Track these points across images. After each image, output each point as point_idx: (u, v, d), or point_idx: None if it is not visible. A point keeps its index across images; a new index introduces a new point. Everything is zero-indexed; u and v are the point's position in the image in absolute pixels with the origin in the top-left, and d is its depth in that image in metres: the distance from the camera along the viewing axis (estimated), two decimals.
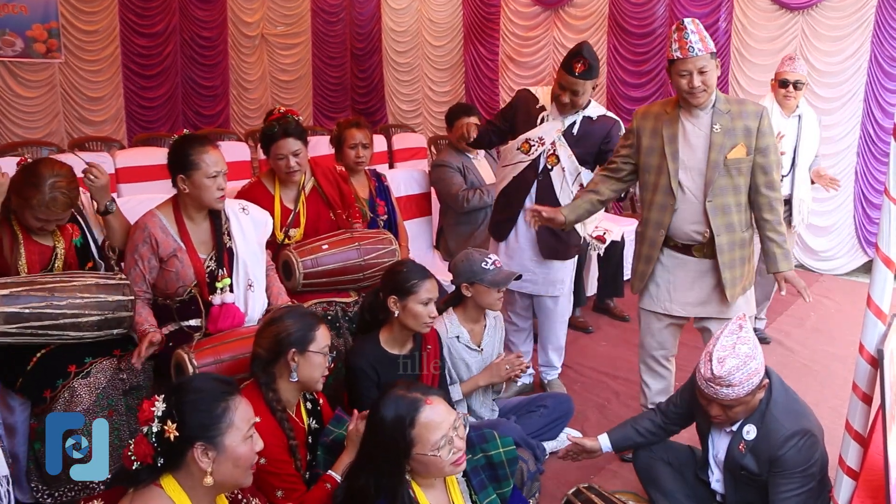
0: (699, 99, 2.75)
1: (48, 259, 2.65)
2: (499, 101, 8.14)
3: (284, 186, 3.23)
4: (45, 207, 2.49)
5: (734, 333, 2.29)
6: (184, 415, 1.57)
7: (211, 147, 2.68)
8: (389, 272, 2.77)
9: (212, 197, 2.67)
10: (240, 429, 1.62)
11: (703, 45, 2.68)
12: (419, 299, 2.62)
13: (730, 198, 2.81)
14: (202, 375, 1.96)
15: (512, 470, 2.11)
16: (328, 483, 2.20)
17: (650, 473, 2.72)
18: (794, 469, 2.28)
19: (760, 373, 2.27)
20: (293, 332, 2.26)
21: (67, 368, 2.51)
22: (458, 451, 1.86)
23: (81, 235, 2.77)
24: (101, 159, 5.19)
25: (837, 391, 3.72)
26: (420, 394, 1.87)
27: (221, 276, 2.73)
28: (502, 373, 2.94)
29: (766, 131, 2.77)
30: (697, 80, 2.70)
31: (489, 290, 2.91)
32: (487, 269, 2.91)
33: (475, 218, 4.29)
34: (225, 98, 9.69)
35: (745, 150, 2.76)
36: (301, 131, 3.15)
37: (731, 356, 2.23)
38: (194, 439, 1.56)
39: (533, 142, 3.39)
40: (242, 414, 1.64)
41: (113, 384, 2.57)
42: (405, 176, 4.73)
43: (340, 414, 2.41)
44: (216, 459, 1.58)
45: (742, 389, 2.23)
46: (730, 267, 2.84)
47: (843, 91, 5.87)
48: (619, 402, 3.82)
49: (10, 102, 8.06)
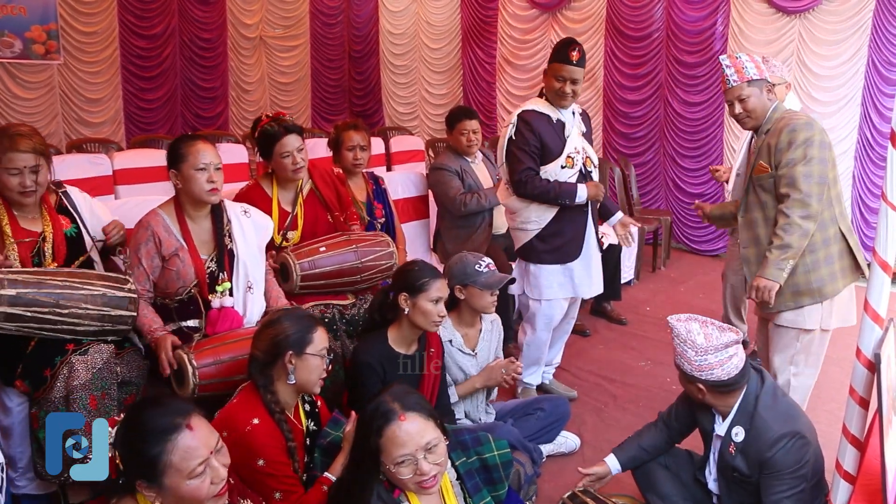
0: (745, 125, 3.00)
1: (34, 244, 2.63)
2: (495, 104, 8.16)
3: (283, 189, 3.23)
4: (9, 152, 2.49)
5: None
6: (123, 451, 1.55)
7: (201, 142, 2.70)
8: (401, 270, 2.80)
9: (201, 189, 2.66)
10: (180, 469, 1.53)
11: (739, 75, 2.91)
12: (429, 297, 2.63)
13: (757, 213, 2.94)
14: (153, 405, 1.78)
15: (507, 472, 2.11)
16: (325, 485, 2.20)
17: (647, 477, 2.73)
18: (784, 471, 2.28)
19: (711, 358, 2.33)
20: (290, 335, 2.26)
21: (65, 346, 2.50)
22: (422, 474, 1.82)
23: (74, 227, 2.76)
24: (99, 161, 5.19)
25: (834, 395, 3.73)
26: (400, 407, 1.86)
27: (222, 280, 2.73)
28: (498, 377, 2.94)
29: (782, 147, 2.80)
30: (738, 108, 2.94)
31: (482, 293, 2.92)
32: (481, 271, 2.91)
33: (473, 221, 4.29)
34: (224, 100, 9.71)
35: (767, 167, 2.87)
36: (299, 128, 3.20)
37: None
38: (135, 476, 1.54)
39: (573, 154, 3.43)
40: (185, 454, 1.54)
41: (108, 367, 2.55)
42: (403, 178, 4.72)
43: (338, 416, 2.41)
44: (160, 494, 1.54)
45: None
46: None
47: (841, 95, 5.90)
48: (616, 405, 3.82)
49: (9, 103, 8.06)
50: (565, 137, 3.43)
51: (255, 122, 3.26)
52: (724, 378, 2.32)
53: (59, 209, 2.76)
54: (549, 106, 3.45)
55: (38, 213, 2.68)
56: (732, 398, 2.39)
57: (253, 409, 2.20)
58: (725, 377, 2.32)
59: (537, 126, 3.40)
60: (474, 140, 4.36)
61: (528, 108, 3.48)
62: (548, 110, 3.44)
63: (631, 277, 5.72)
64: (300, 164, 3.14)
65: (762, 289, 2.79)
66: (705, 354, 2.31)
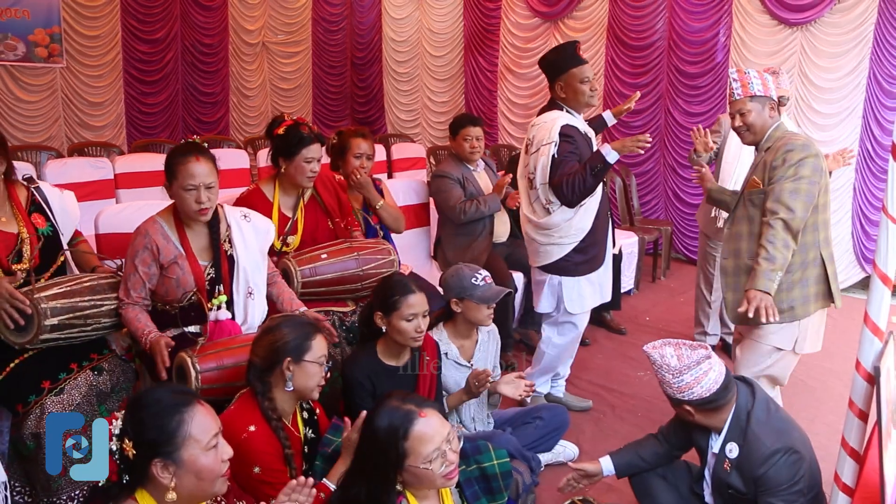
0: (744, 138, 3.05)
1: (13, 245, 2.62)
2: (496, 112, 8.17)
3: (285, 194, 3.23)
4: None
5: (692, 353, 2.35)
6: (139, 431, 1.54)
7: (194, 158, 2.59)
8: (376, 287, 2.78)
9: (190, 209, 2.62)
10: (198, 440, 1.57)
11: (744, 89, 2.96)
12: (402, 315, 2.59)
13: (743, 226, 2.97)
14: (158, 388, 1.90)
15: (506, 483, 2.11)
16: (322, 492, 2.19)
17: (645, 487, 2.72)
18: (778, 487, 2.26)
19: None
20: (289, 342, 2.25)
21: (41, 384, 2.49)
22: (450, 464, 1.86)
23: (49, 226, 2.75)
24: (101, 164, 5.20)
25: (834, 407, 3.73)
26: (414, 406, 1.87)
27: (218, 293, 2.72)
28: (472, 389, 2.83)
29: (776, 164, 2.83)
30: (738, 121, 3.00)
31: (479, 307, 2.90)
32: (477, 284, 2.89)
33: (473, 229, 4.29)
34: (225, 105, 9.72)
35: (760, 184, 2.90)
36: (325, 140, 3.26)
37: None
38: (152, 455, 1.54)
39: None
40: (200, 425, 1.59)
41: (88, 399, 2.55)
42: (404, 186, 4.71)
43: (338, 422, 2.40)
44: (177, 473, 1.55)
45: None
46: (733, 289, 2.97)
47: (842, 107, 5.90)
48: (615, 414, 3.81)
49: (11, 106, 8.07)
50: (593, 146, 3.43)
51: (275, 120, 3.23)
52: (707, 395, 2.31)
53: (33, 206, 2.73)
54: (570, 117, 3.39)
55: (10, 213, 2.66)
56: (723, 414, 2.38)
57: (250, 416, 2.19)
58: (707, 394, 2.30)
59: (577, 139, 3.32)
60: (477, 147, 4.35)
61: (564, 123, 3.33)
62: (575, 122, 3.38)
63: (631, 287, 5.72)
64: (317, 172, 3.16)
65: (758, 300, 2.70)
66: (681, 375, 2.31)
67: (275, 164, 3.20)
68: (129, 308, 2.65)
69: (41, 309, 2.45)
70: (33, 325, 2.46)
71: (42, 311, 2.45)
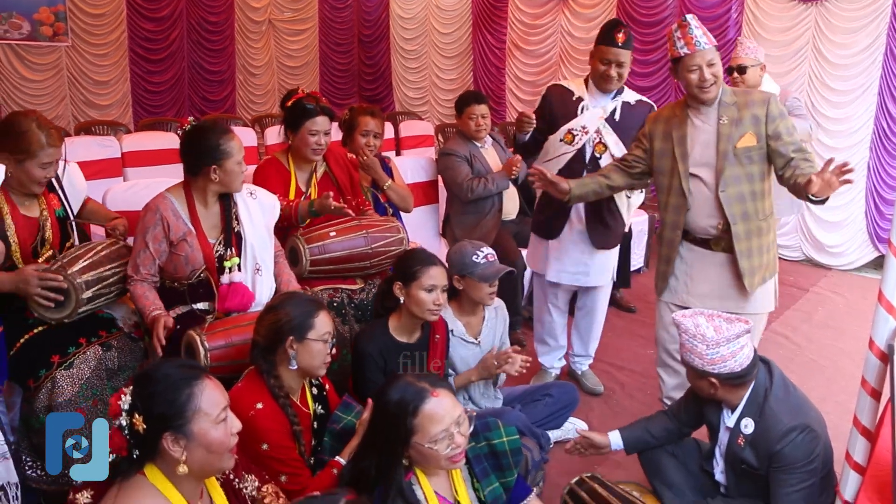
0: (710, 93, 2.80)
1: (36, 230, 2.63)
2: (504, 89, 8.12)
3: (298, 169, 3.25)
4: (48, 147, 2.51)
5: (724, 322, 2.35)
6: (148, 405, 1.54)
7: (233, 133, 2.72)
8: (399, 258, 2.79)
9: (239, 182, 2.71)
10: (208, 414, 1.58)
11: (708, 38, 2.81)
12: (422, 285, 2.60)
13: (744, 186, 2.82)
14: (167, 362, 1.92)
15: (516, 460, 2.09)
16: (335, 469, 2.19)
17: (654, 464, 2.72)
18: (793, 464, 2.27)
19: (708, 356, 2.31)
20: (291, 320, 2.24)
21: (50, 358, 2.51)
22: (456, 447, 1.85)
23: (62, 207, 2.76)
24: (108, 143, 5.19)
25: (845, 387, 3.71)
26: (428, 384, 1.86)
27: (230, 255, 2.72)
28: (491, 369, 2.84)
29: (775, 116, 2.77)
30: (707, 73, 2.76)
31: (480, 285, 2.86)
32: (478, 262, 2.85)
33: (482, 207, 4.26)
34: (231, 83, 9.67)
35: (754, 139, 2.78)
36: (333, 113, 3.24)
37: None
38: (162, 429, 1.54)
39: (576, 131, 3.36)
40: (210, 399, 1.59)
41: (97, 374, 2.57)
42: (412, 163, 4.69)
43: (349, 400, 2.40)
44: (187, 447, 1.55)
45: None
46: (747, 256, 2.84)
47: (857, 84, 5.81)
48: (624, 392, 3.81)
49: (17, 85, 8.05)
50: (576, 113, 3.38)
51: (289, 93, 3.26)
52: (738, 370, 2.30)
53: (48, 186, 2.74)
54: (580, 86, 3.43)
55: (33, 198, 2.67)
56: (743, 390, 2.37)
57: (257, 393, 2.19)
58: (738, 368, 2.30)
59: (552, 97, 3.47)
60: (482, 125, 4.32)
61: (556, 83, 3.56)
62: (574, 87, 3.44)
63: (640, 265, 5.69)
64: (322, 146, 3.17)
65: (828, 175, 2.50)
66: (717, 347, 2.28)
67: (287, 137, 3.24)
68: (137, 284, 2.66)
69: (77, 284, 2.54)
70: (71, 300, 2.54)
71: (78, 285, 2.54)
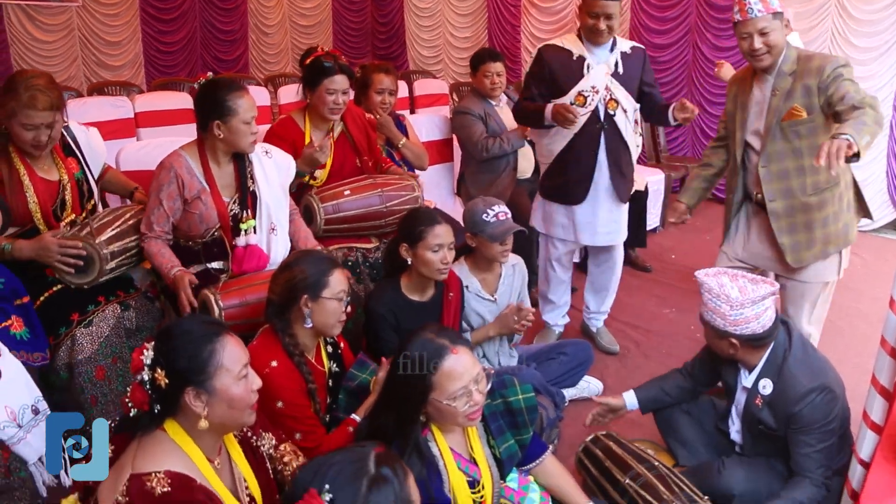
0: (763, 62, 2.75)
1: (55, 194, 2.63)
2: (520, 47, 8.00)
3: (315, 128, 3.22)
4: (26, 108, 2.45)
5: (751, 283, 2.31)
6: (171, 361, 1.54)
7: (245, 91, 2.65)
8: (402, 219, 2.76)
9: (246, 142, 2.66)
10: (230, 370, 1.58)
11: (764, 5, 2.67)
12: (428, 246, 2.57)
13: (789, 162, 2.76)
14: (189, 318, 1.93)
15: (531, 418, 2.09)
16: (350, 426, 2.21)
17: (669, 423, 2.72)
18: (812, 425, 2.26)
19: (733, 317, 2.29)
20: (306, 278, 2.23)
21: (70, 316, 2.53)
22: (474, 404, 1.84)
23: (81, 170, 2.75)
24: (121, 104, 5.18)
25: (861, 348, 3.69)
26: (448, 341, 1.85)
27: (245, 218, 2.72)
28: (510, 324, 2.84)
29: (828, 82, 2.63)
30: (758, 42, 2.70)
31: (490, 243, 2.83)
32: (488, 221, 2.80)
33: (496, 165, 4.23)
34: (244, 42, 9.61)
35: (804, 112, 2.69)
36: (352, 72, 3.20)
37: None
38: (184, 384, 1.54)
39: (587, 92, 3.27)
40: (231, 354, 1.59)
41: (116, 332, 2.59)
42: (427, 121, 4.66)
43: (364, 358, 2.40)
44: (209, 402, 1.55)
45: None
46: (788, 232, 2.81)
47: (880, 41, 5.67)
48: (639, 351, 3.81)
49: (29, 47, 8.03)
50: (582, 74, 3.29)
51: (308, 51, 3.22)
52: (760, 331, 2.28)
53: (66, 149, 2.73)
54: (575, 42, 3.33)
55: (51, 161, 2.66)
56: (763, 351, 2.36)
57: (271, 351, 2.19)
58: (761, 330, 2.28)
59: (550, 60, 3.32)
60: (498, 83, 4.28)
61: (549, 42, 3.40)
62: (570, 45, 3.32)
63: (656, 225, 5.66)
64: (340, 105, 3.13)
65: (834, 143, 2.28)
66: (741, 308, 2.26)
67: (305, 95, 3.21)
68: (151, 241, 2.65)
69: (103, 255, 2.56)
70: (95, 269, 2.56)
71: (104, 256, 2.56)
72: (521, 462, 2.09)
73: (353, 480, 1.27)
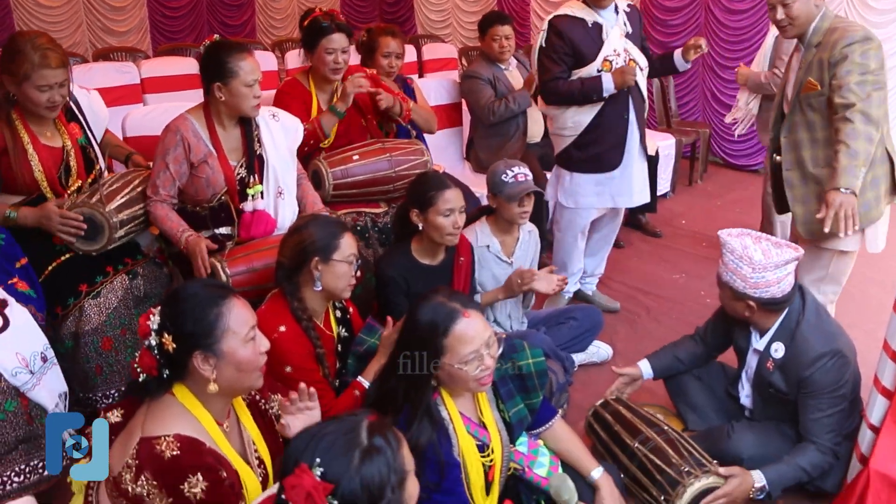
0: (787, 32, 2.78)
1: (59, 160, 2.61)
2: (529, 10, 7.88)
3: (319, 90, 3.20)
4: (41, 69, 2.41)
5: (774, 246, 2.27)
6: (178, 325, 1.54)
7: (248, 54, 2.62)
8: (411, 184, 2.76)
9: (248, 105, 2.63)
10: (237, 333, 1.58)
11: None
12: (439, 210, 2.56)
13: (802, 133, 2.76)
14: (194, 282, 1.93)
15: (541, 382, 2.09)
16: (357, 390, 2.21)
17: (679, 387, 2.72)
18: (823, 390, 2.25)
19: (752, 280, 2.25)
20: (316, 241, 2.22)
21: (78, 287, 2.53)
22: (486, 369, 1.84)
23: (84, 135, 2.73)
24: (126, 69, 5.13)
25: (873, 315, 3.66)
26: (460, 305, 1.84)
27: (252, 183, 2.70)
28: (515, 287, 2.83)
29: (836, 60, 2.59)
30: (780, 14, 2.71)
31: (508, 204, 2.83)
32: (507, 181, 2.81)
33: (506, 129, 4.20)
34: (251, 7, 9.51)
35: (818, 85, 2.67)
36: (350, 30, 3.16)
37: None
38: (192, 348, 1.54)
39: (611, 57, 3.27)
40: (238, 317, 1.59)
41: (125, 302, 2.59)
42: (436, 85, 4.62)
43: (372, 323, 2.41)
44: (217, 366, 1.55)
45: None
46: (802, 202, 2.80)
47: None
48: (650, 316, 3.81)
49: (33, 13, 7.97)
50: (602, 40, 3.27)
51: (306, 13, 3.20)
52: (779, 296, 2.26)
53: (68, 114, 2.70)
54: (584, 8, 3.28)
55: (54, 127, 2.64)
56: (778, 315, 2.34)
57: (280, 316, 2.20)
58: (780, 295, 2.26)
59: (568, 32, 3.25)
60: (507, 46, 4.23)
61: (559, 13, 3.31)
62: (582, 13, 3.27)
63: (667, 190, 5.61)
64: (341, 64, 3.11)
65: (838, 204, 2.40)
66: (763, 271, 2.23)
67: (306, 58, 3.20)
68: (157, 205, 2.64)
69: (112, 223, 2.56)
70: (104, 236, 2.56)
71: (113, 224, 2.56)
72: (531, 426, 2.10)
73: (345, 453, 1.24)
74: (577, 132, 3.39)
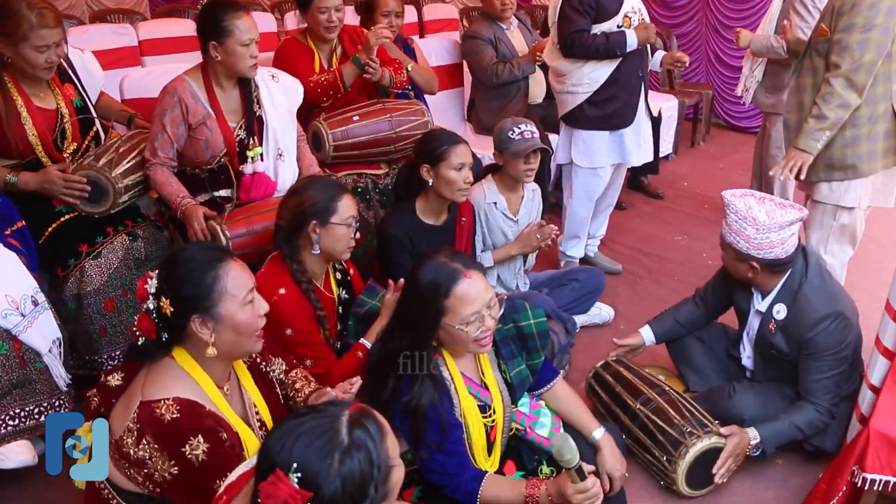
0: None
1: (54, 123, 2.60)
2: None
3: (318, 49, 3.18)
4: (39, 28, 2.40)
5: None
6: (175, 289, 1.53)
7: (244, 13, 2.58)
8: (420, 141, 2.74)
9: (244, 65, 2.60)
10: (235, 296, 1.56)
11: None
12: (451, 165, 2.57)
13: (807, 78, 2.76)
14: (192, 245, 1.92)
15: (542, 343, 2.08)
16: (360, 351, 2.22)
17: (681, 349, 2.73)
18: (825, 352, 2.25)
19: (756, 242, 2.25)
20: (314, 204, 2.21)
21: (78, 248, 2.53)
22: (486, 330, 1.83)
23: (79, 96, 2.71)
24: (124, 31, 5.07)
25: (874, 275, 3.67)
26: (461, 265, 1.83)
27: (252, 145, 2.68)
28: (533, 242, 2.89)
29: (845, 9, 2.56)
30: None
31: (514, 161, 2.84)
32: (513, 138, 2.82)
33: (507, 91, 4.17)
34: None
35: (827, 31, 2.65)
36: None
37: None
38: (190, 312, 1.53)
39: (630, 13, 3.32)
40: (236, 280, 1.57)
41: (125, 263, 2.60)
42: (436, 45, 4.57)
43: (373, 284, 2.41)
44: (216, 329, 1.54)
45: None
46: None
47: None
48: (651, 278, 3.81)
49: None
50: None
51: None
52: (783, 256, 2.25)
53: (62, 76, 2.68)
54: None
55: (47, 89, 2.61)
56: (781, 276, 2.33)
57: (279, 278, 2.19)
58: (784, 255, 2.25)
59: None
60: (508, 4, 4.18)
61: None
62: None
63: (669, 152, 5.59)
64: (335, 23, 3.07)
65: (793, 158, 2.66)
66: (767, 232, 2.22)
67: (301, 20, 3.18)
68: (157, 168, 2.62)
69: (118, 188, 2.57)
70: (108, 200, 2.59)
71: (118, 189, 2.58)
72: (533, 387, 2.10)
73: (324, 455, 1.10)
74: (592, 88, 3.38)
